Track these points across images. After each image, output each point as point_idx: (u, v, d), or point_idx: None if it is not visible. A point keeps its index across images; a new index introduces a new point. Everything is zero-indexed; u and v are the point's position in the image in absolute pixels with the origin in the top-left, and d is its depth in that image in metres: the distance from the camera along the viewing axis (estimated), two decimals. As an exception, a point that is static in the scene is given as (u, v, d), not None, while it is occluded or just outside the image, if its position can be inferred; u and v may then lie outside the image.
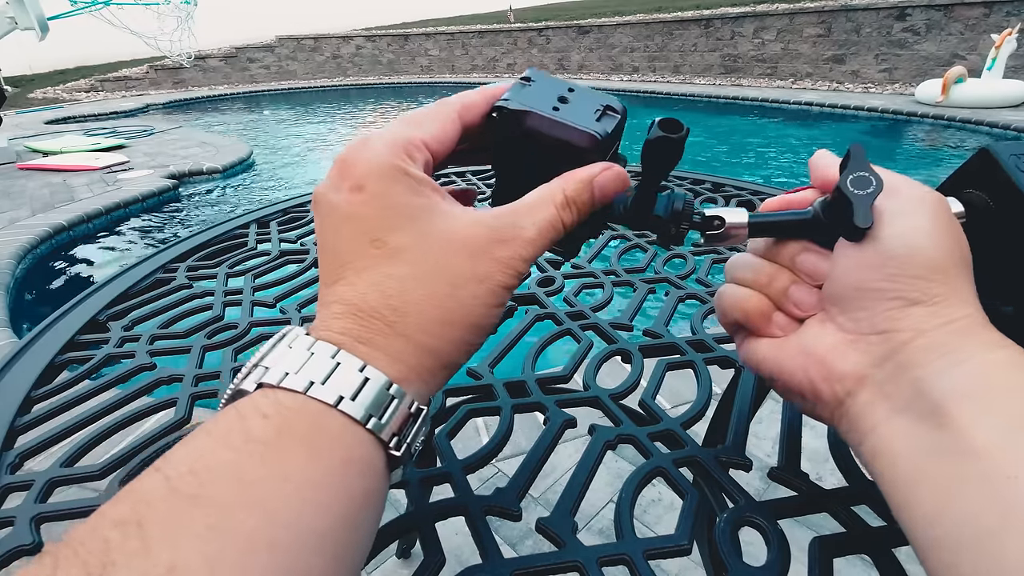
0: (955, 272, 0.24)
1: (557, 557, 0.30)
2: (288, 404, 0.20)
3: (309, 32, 14.03)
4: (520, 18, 14.59)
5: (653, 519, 1.20)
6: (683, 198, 0.27)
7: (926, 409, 0.21)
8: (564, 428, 0.39)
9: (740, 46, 9.18)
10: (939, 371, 0.22)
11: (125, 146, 5.65)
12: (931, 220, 0.24)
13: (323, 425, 0.20)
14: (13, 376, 0.46)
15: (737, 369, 0.46)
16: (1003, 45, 5.91)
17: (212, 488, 0.17)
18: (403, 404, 0.21)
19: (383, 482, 0.21)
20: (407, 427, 0.22)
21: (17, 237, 3.12)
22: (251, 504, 0.17)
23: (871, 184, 0.24)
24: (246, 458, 0.18)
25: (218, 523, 0.16)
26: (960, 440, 0.20)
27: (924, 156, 5.26)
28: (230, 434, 0.19)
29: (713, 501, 0.33)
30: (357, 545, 0.20)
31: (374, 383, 0.21)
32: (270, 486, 0.18)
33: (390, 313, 0.22)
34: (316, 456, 0.19)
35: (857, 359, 0.24)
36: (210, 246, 0.72)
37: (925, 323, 0.23)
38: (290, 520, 0.17)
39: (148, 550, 0.15)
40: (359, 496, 0.20)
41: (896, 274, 0.24)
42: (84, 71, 13.63)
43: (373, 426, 0.20)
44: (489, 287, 0.23)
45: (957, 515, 0.19)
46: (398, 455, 0.21)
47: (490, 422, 1.18)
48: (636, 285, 0.59)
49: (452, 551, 0.31)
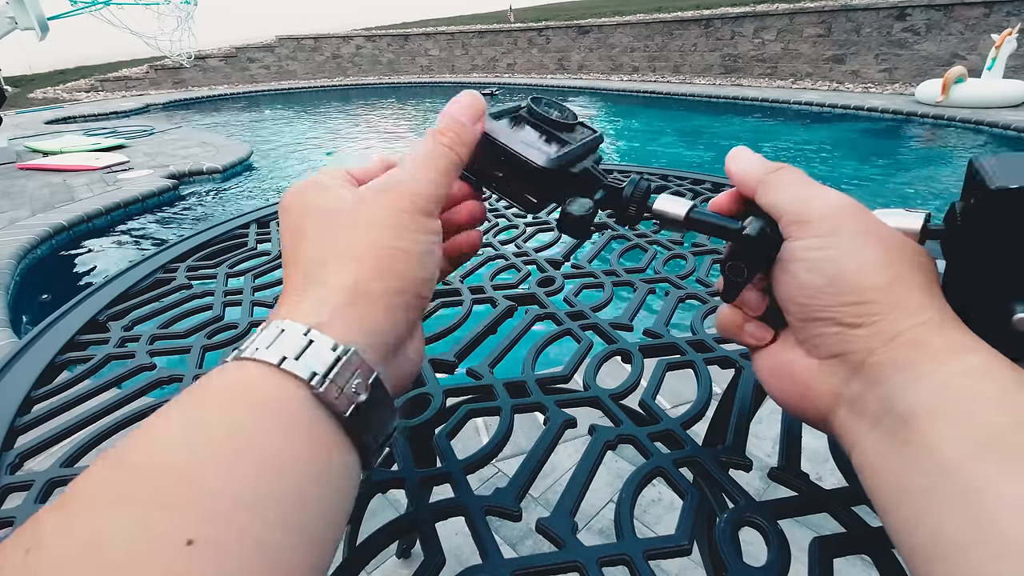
0: (889, 285, 0.23)
1: (557, 557, 0.30)
2: (213, 373, 0.21)
3: (309, 32, 14.04)
4: (520, 18, 14.59)
5: (653, 519, 1.20)
6: (634, 183, 0.31)
7: (894, 425, 0.22)
8: (564, 428, 0.39)
9: (740, 46, 9.18)
10: (900, 387, 0.22)
11: (125, 146, 5.65)
12: (847, 243, 0.24)
13: (236, 378, 0.21)
14: (13, 376, 0.46)
15: (737, 369, 0.46)
16: (1003, 45, 5.90)
17: (131, 454, 0.18)
18: (322, 344, 0.22)
19: (322, 431, 0.21)
20: (334, 366, 0.21)
21: (17, 237, 3.12)
22: (165, 461, 0.18)
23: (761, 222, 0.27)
24: (163, 422, 0.19)
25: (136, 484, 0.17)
26: (927, 455, 0.20)
27: (924, 156, 5.25)
28: (162, 408, 0.20)
29: (713, 501, 0.33)
30: (308, 502, 0.19)
31: (290, 332, 0.22)
32: (182, 442, 0.19)
33: (316, 270, 0.24)
34: (226, 407, 0.20)
35: (827, 379, 0.25)
36: (210, 246, 0.72)
37: (871, 343, 0.23)
38: (203, 472, 0.18)
39: (73, 525, 0.16)
40: (283, 444, 0.19)
41: (827, 304, 0.24)
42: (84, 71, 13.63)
43: (288, 366, 0.21)
44: (391, 212, 0.25)
45: (930, 527, 0.20)
46: (322, 391, 0.21)
47: (490, 422, 1.18)
48: (636, 285, 0.59)
49: (452, 551, 0.31)
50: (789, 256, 0.26)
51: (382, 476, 0.34)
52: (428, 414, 0.40)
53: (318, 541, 0.20)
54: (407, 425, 0.39)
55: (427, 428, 0.40)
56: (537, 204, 0.31)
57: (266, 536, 0.18)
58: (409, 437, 0.38)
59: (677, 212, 0.30)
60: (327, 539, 0.20)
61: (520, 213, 0.81)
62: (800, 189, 0.26)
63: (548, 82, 10.92)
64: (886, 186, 4.47)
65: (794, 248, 0.25)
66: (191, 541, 0.16)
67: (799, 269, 0.25)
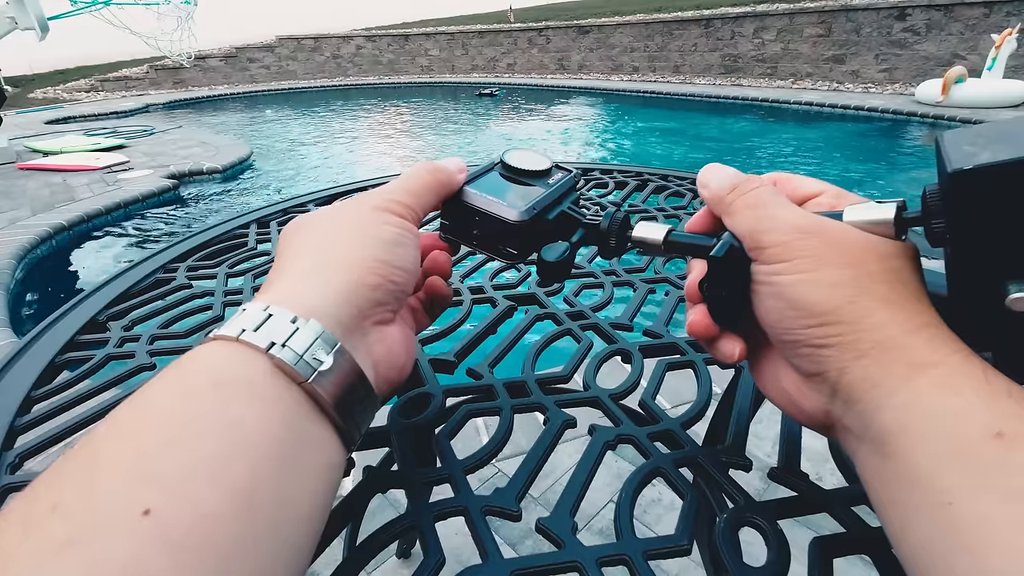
0: (847, 306, 0.23)
1: (557, 557, 0.30)
2: (180, 358, 0.22)
3: (309, 32, 14.04)
4: (520, 18, 14.59)
5: (653, 519, 1.20)
6: (609, 216, 0.32)
7: (875, 440, 0.22)
8: (564, 428, 0.39)
9: (740, 46, 9.18)
10: (874, 404, 0.22)
11: (125, 146, 5.65)
12: (806, 265, 0.24)
13: (199, 356, 0.22)
14: (13, 376, 0.46)
15: (737, 369, 0.46)
16: (1003, 45, 5.91)
17: (94, 435, 0.19)
18: (281, 317, 0.22)
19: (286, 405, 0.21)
20: (293, 336, 0.22)
21: (17, 237, 3.12)
22: (120, 435, 0.19)
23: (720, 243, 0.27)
24: (126, 404, 0.20)
25: (92, 458, 0.18)
26: (901, 470, 0.21)
27: (924, 156, 5.25)
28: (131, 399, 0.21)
29: (713, 501, 0.33)
30: (269, 480, 0.19)
31: (251, 309, 0.23)
32: (139, 416, 0.19)
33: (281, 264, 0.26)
34: (186, 381, 0.21)
35: (814, 396, 0.25)
36: (210, 246, 0.72)
37: (840, 362, 0.23)
38: (160, 444, 0.18)
39: (34, 499, 0.17)
40: (243, 417, 0.20)
41: (792, 328, 0.24)
42: (84, 71, 13.63)
43: (247, 337, 0.22)
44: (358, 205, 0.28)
45: (914, 538, 0.20)
46: (279, 358, 0.21)
47: (490, 422, 1.18)
48: (636, 285, 0.59)
49: (452, 551, 0.31)
50: (756, 279, 0.26)
51: (382, 476, 0.34)
52: (428, 414, 0.40)
53: (291, 530, 0.20)
54: (407, 425, 0.39)
55: (427, 428, 0.40)
56: (517, 255, 0.33)
57: (216, 509, 0.17)
58: (409, 437, 0.38)
59: (655, 237, 0.31)
60: (295, 517, 0.20)
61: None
62: (756, 212, 0.26)
63: (548, 82, 10.93)
64: (886, 186, 4.47)
65: (757, 272, 0.26)
66: (148, 511, 0.16)
67: (764, 293, 0.25)
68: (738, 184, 0.28)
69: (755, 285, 0.26)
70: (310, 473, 0.21)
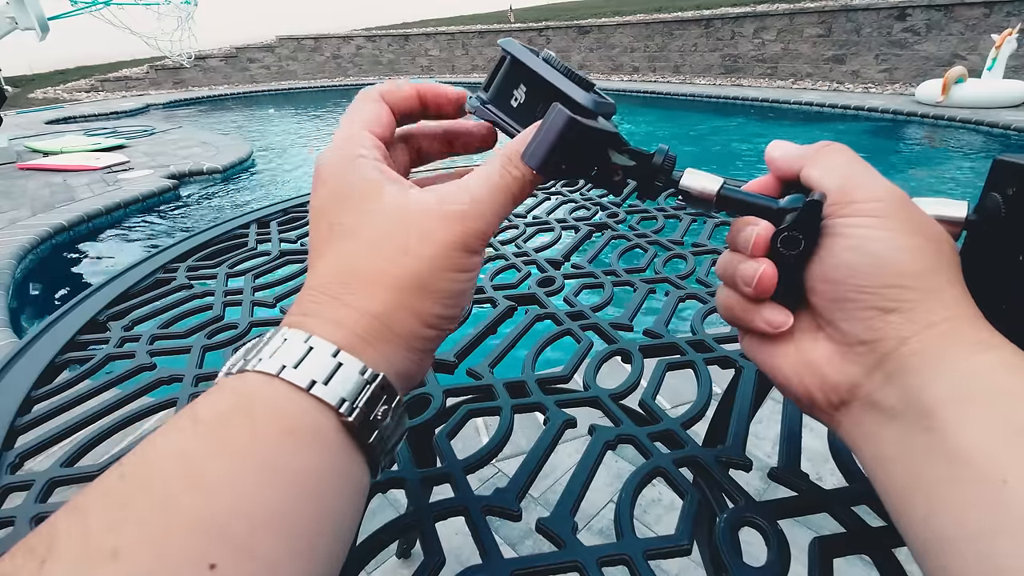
0: (929, 273, 0.23)
1: (557, 557, 0.30)
2: (234, 384, 0.20)
3: (309, 32, 14.04)
4: (520, 18, 14.60)
5: (653, 519, 1.20)
6: (664, 153, 0.28)
7: (917, 414, 0.22)
8: (564, 428, 0.39)
9: (740, 46, 9.17)
10: (927, 377, 0.22)
11: (125, 146, 5.65)
12: (894, 226, 0.24)
13: (264, 397, 0.20)
14: (13, 376, 0.46)
15: (737, 369, 0.46)
16: (1003, 45, 5.90)
17: (158, 471, 0.17)
18: (351, 369, 0.21)
19: (344, 455, 0.21)
20: (361, 393, 0.21)
21: (17, 237, 3.12)
22: (194, 483, 0.17)
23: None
24: (190, 439, 0.18)
25: (163, 503, 0.17)
26: (949, 444, 0.20)
27: (924, 156, 5.25)
28: (180, 419, 0.19)
29: (713, 501, 0.33)
30: (325, 525, 0.19)
31: (319, 351, 0.21)
32: (211, 464, 0.18)
33: (339, 287, 0.23)
34: (256, 429, 0.19)
35: (848, 369, 0.24)
36: (210, 246, 0.72)
37: (905, 330, 0.23)
38: (232, 496, 0.17)
39: (89, 535, 0.16)
40: (312, 469, 0.19)
41: (865, 285, 0.23)
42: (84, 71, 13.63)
43: (317, 392, 0.20)
44: (435, 247, 0.23)
45: (947, 516, 0.20)
46: (351, 420, 0.21)
47: (490, 422, 1.18)
48: (636, 285, 0.59)
49: (452, 551, 0.31)
50: (832, 232, 0.25)
51: (382, 476, 0.34)
52: (428, 414, 0.40)
53: (334, 560, 0.20)
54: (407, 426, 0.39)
55: (427, 428, 0.40)
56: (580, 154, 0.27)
57: (279, 557, 0.17)
58: (409, 437, 0.38)
59: (707, 188, 0.28)
60: (338, 557, 0.21)
61: (519, 212, 0.81)
62: (850, 167, 0.26)
63: (548, 82, 10.90)
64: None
65: (838, 225, 0.25)
66: (214, 566, 0.16)
67: (840, 247, 0.24)
68: (827, 143, 0.27)
69: (827, 240, 0.25)
70: (355, 508, 0.22)
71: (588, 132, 0.25)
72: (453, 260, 0.23)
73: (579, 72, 0.27)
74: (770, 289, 0.26)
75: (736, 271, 0.27)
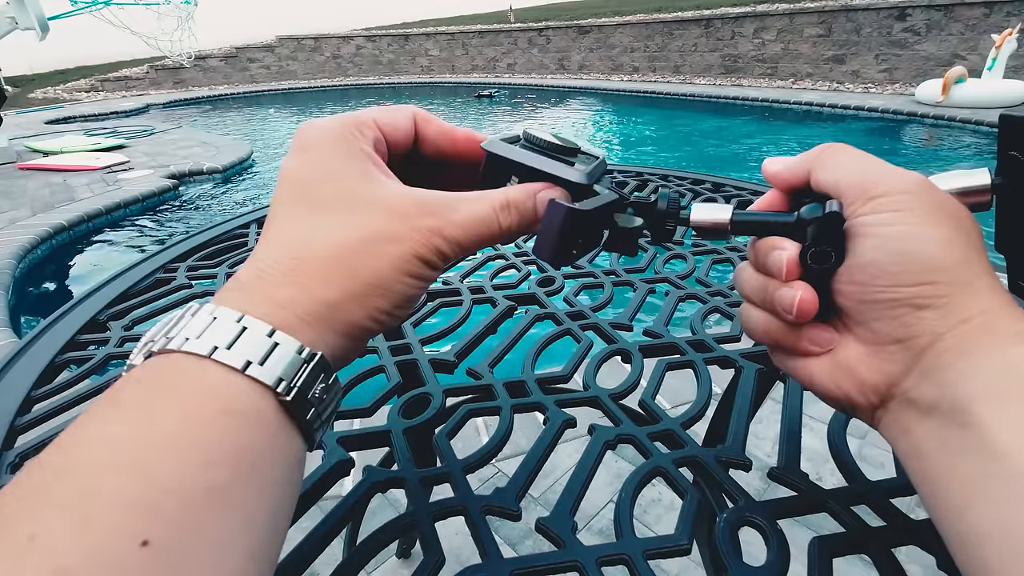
0: (960, 266, 0.22)
1: (556, 557, 0.30)
2: (159, 365, 0.20)
3: (309, 32, 14.05)
4: (520, 18, 14.60)
5: (653, 519, 1.20)
6: (667, 197, 0.28)
7: (952, 409, 0.21)
8: (564, 428, 0.39)
9: (740, 46, 9.18)
10: (962, 372, 0.21)
11: (125, 146, 5.65)
12: (919, 219, 0.23)
13: (195, 378, 0.19)
14: (13, 376, 0.46)
15: (737, 369, 0.46)
16: (1003, 45, 5.91)
17: (78, 457, 0.17)
18: (288, 348, 0.20)
19: (282, 432, 0.20)
20: (299, 372, 0.21)
21: (17, 237, 3.12)
22: (121, 466, 0.17)
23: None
24: (113, 423, 0.18)
25: (83, 485, 0.16)
26: (984, 439, 0.20)
27: (924, 156, 5.25)
28: (100, 405, 0.18)
29: (713, 501, 0.33)
30: (265, 500, 0.19)
31: (253, 332, 0.20)
32: (136, 445, 0.17)
33: (289, 261, 0.22)
34: (189, 411, 0.18)
35: (884, 368, 0.24)
36: (210, 246, 0.72)
37: (939, 326, 0.22)
38: (169, 478, 0.17)
39: (5, 524, 0.15)
40: (251, 447, 0.19)
41: (895, 284, 0.23)
42: (84, 71, 13.64)
43: (254, 372, 0.19)
44: (402, 252, 0.23)
45: (984, 511, 0.19)
46: (288, 399, 0.20)
47: (490, 422, 1.18)
48: (636, 285, 0.59)
49: (452, 551, 0.31)
50: (855, 232, 0.24)
51: (382, 476, 0.34)
52: (428, 414, 0.40)
53: (277, 534, 0.20)
54: (407, 426, 0.39)
55: (427, 428, 0.40)
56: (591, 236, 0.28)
57: (224, 536, 0.17)
58: (409, 437, 0.39)
59: (720, 218, 0.27)
60: (281, 530, 0.20)
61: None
62: (861, 163, 0.25)
63: (548, 82, 10.92)
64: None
65: (860, 224, 0.24)
66: (147, 542, 0.15)
67: (865, 247, 0.23)
68: (828, 145, 0.27)
69: (851, 240, 0.24)
70: (293, 483, 0.21)
71: (589, 216, 0.25)
72: (414, 268, 0.23)
73: (562, 140, 0.27)
74: (812, 313, 0.25)
75: (774, 298, 0.26)
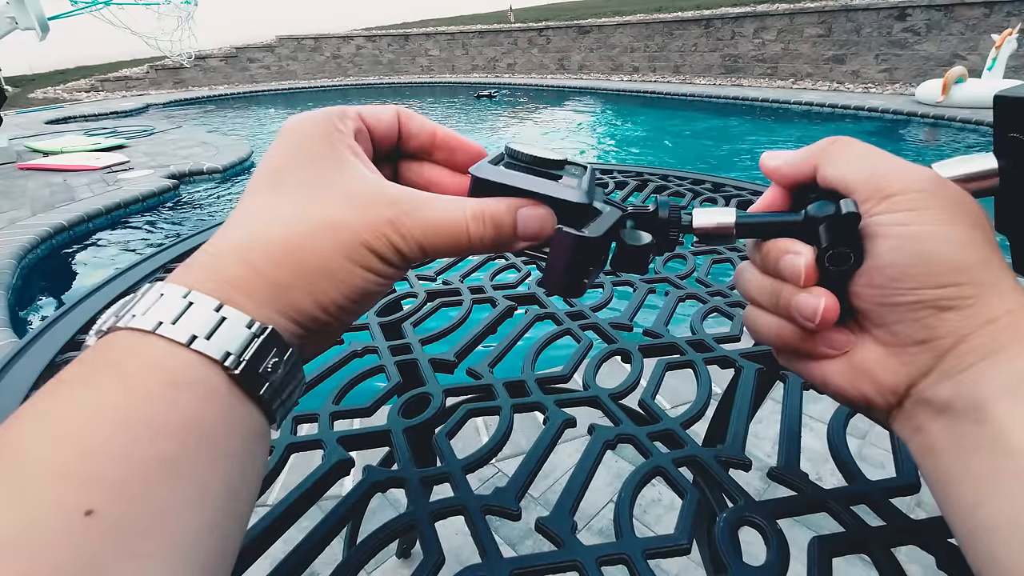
0: (982, 266, 0.22)
1: (556, 556, 0.30)
2: (107, 343, 0.20)
3: (309, 32, 14.05)
4: (520, 18, 14.60)
5: (653, 519, 1.20)
6: (667, 205, 0.27)
7: (967, 406, 0.21)
8: (564, 428, 0.39)
9: (740, 46, 9.18)
10: (982, 371, 0.21)
11: (125, 146, 5.65)
12: (936, 218, 0.22)
13: (140, 353, 0.19)
14: (13, 376, 0.46)
15: (737, 369, 0.46)
16: (1003, 45, 5.91)
17: (14, 434, 0.17)
18: (236, 322, 0.20)
19: (238, 404, 0.20)
20: (248, 346, 0.20)
21: (17, 237, 3.12)
22: (58, 439, 0.16)
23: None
24: (51, 401, 0.18)
25: (18, 460, 0.16)
26: (999, 435, 0.20)
27: (924, 156, 5.25)
28: (45, 386, 0.18)
29: (713, 501, 0.33)
30: (219, 470, 0.19)
31: (200, 306, 0.20)
32: (74, 418, 0.17)
33: (244, 243, 0.21)
34: (132, 385, 0.18)
35: (903, 370, 0.23)
36: (210, 246, 0.72)
37: (963, 327, 0.22)
38: (110, 449, 0.17)
39: None
40: (201, 418, 0.19)
41: (915, 286, 0.22)
42: (84, 71, 13.64)
43: (199, 346, 0.19)
44: (350, 239, 0.22)
45: (995, 506, 0.19)
46: (236, 373, 0.20)
47: (490, 422, 1.18)
48: (636, 285, 0.59)
49: (452, 551, 0.31)
50: (869, 232, 0.23)
51: (382, 476, 0.34)
52: (428, 414, 0.40)
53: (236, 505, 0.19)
54: (407, 425, 0.39)
55: (427, 428, 0.40)
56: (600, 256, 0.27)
57: (175, 506, 0.17)
58: (409, 437, 0.39)
59: (724, 222, 0.26)
60: (244, 500, 0.20)
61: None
62: (871, 158, 0.24)
63: (548, 82, 10.93)
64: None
65: (875, 224, 0.23)
66: (91, 511, 0.15)
67: (882, 248, 0.23)
68: (834, 138, 0.26)
69: (866, 242, 0.23)
70: (253, 453, 0.21)
71: (599, 242, 0.24)
72: (362, 257, 0.22)
73: (546, 154, 0.26)
74: (835, 320, 0.24)
75: (791, 304, 0.25)
